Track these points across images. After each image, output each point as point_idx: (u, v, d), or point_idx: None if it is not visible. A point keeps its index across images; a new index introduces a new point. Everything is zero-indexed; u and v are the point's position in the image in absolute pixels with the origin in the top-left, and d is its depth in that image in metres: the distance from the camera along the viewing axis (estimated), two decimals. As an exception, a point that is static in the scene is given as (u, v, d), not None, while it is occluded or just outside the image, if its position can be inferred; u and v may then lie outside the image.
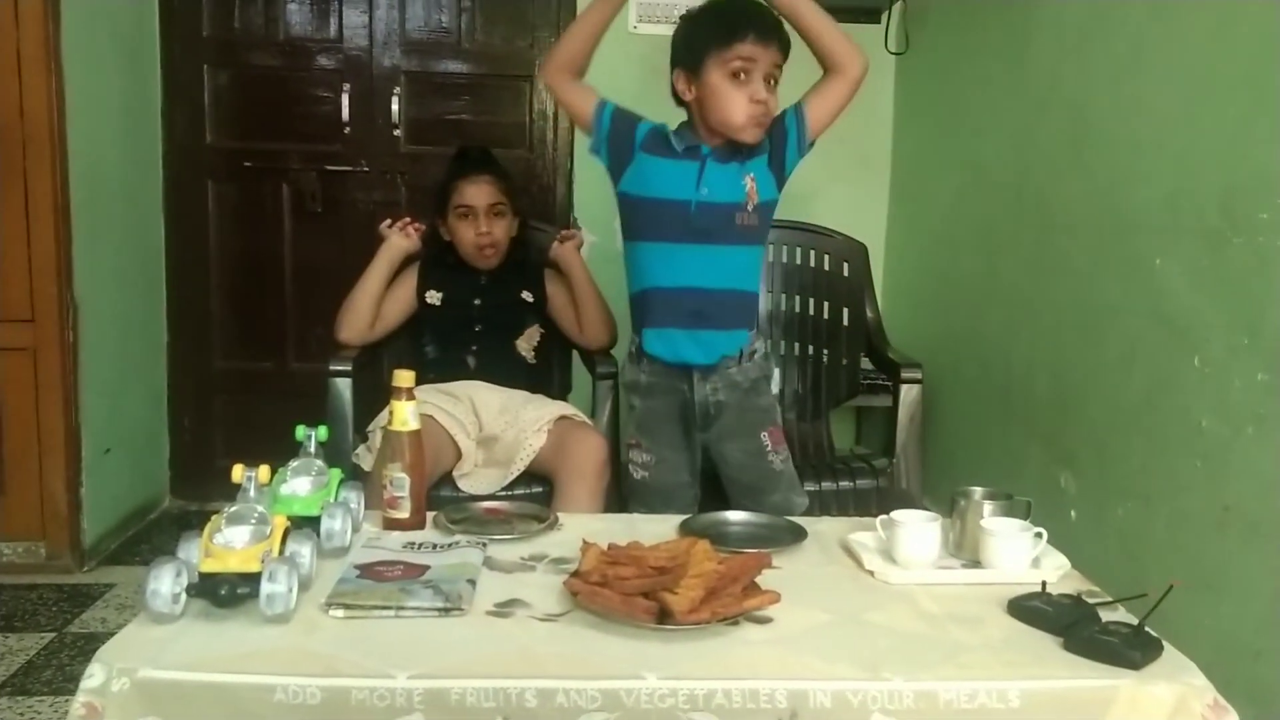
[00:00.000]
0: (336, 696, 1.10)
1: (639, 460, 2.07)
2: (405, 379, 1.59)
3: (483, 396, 2.33)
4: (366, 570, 1.36)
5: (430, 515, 1.62)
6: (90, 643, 2.31)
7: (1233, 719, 1.17)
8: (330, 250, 3.22)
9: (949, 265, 3.01)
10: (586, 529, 1.54)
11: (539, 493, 2.21)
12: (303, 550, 1.30)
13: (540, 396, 2.40)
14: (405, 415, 1.58)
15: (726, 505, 1.99)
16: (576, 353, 2.65)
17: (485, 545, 1.49)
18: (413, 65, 3.27)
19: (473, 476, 2.23)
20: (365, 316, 2.44)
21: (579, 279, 2.50)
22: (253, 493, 1.31)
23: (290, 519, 1.34)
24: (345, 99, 3.25)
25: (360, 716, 1.10)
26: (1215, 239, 1.80)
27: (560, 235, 2.58)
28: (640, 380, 2.05)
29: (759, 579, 1.34)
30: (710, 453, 2.08)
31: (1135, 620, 1.27)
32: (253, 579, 1.21)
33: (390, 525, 1.57)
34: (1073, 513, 2.22)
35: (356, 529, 1.51)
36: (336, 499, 1.49)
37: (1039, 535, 1.46)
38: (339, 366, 2.34)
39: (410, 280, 2.50)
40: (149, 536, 3.08)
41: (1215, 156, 1.82)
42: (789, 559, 1.50)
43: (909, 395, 2.39)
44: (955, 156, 2.98)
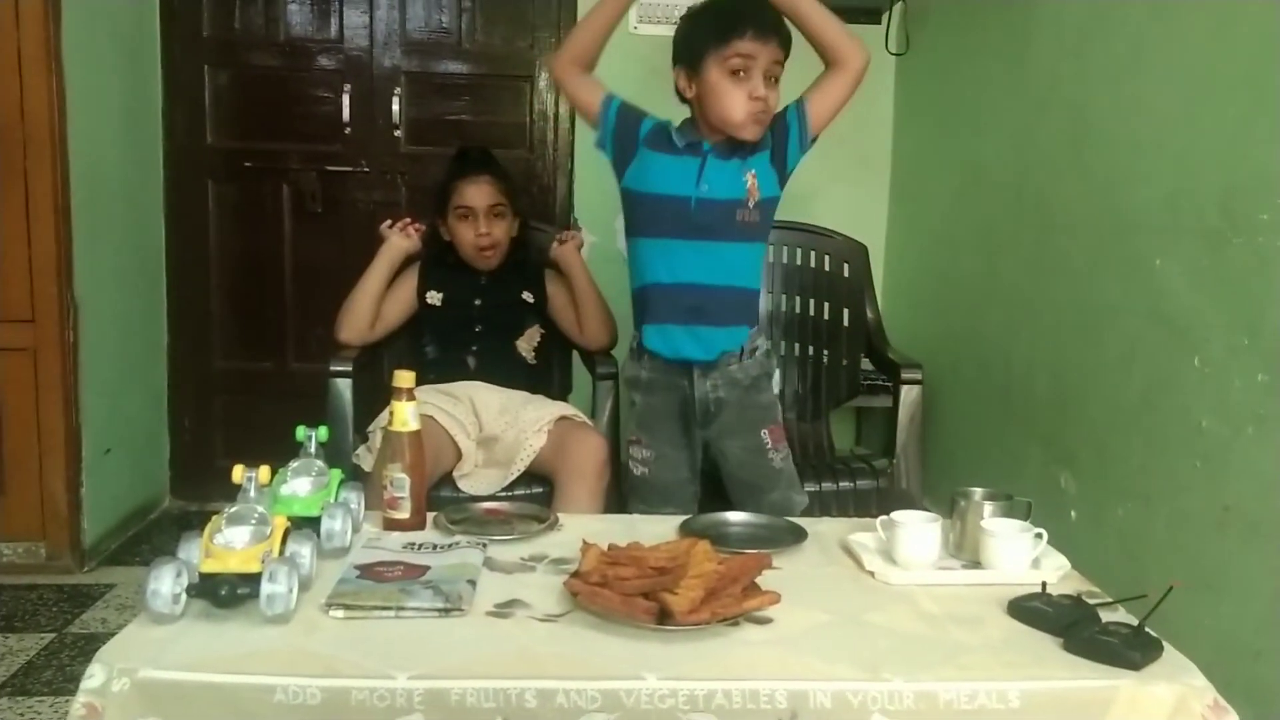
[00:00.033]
0: (336, 697, 1.10)
1: (639, 456, 2.07)
2: (405, 379, 1.59)
3: (483, 397, 2.33)
4: (367, 571, 1.36)
5: (430, 516, 1.62)
6: (90, 643, 2.31)
7: (1233, 719, 1.17)
8: (330, 250, 3.22)
9: (949, 265, 3.01)
10: (586, 529, 1.54)
11: (539, 493, 2.21)
12: (303, 551, 1.30)
13: (540, 397, 2.40)
14: (405, 416, 1.58)
15: (727, 503, 1.99)
16: (576, 353, 2.65)
17: (485, 546, 1.49)
18: (413, 65, 3.27)
19: (473, 477, 2.23)
20: (365, 317, 2.44)
21: (579, 279, 2.50)
22: (253, 493, 1.31)
23: (290, 519, 1.34)
24: (346, 99, 3.25)
25: (360, 717, 1.10)
26: (1215, 239, 1.80)
27: (560, 236, 2.58)
28: (641, 376, 2.04)
29: (759, 579, 1.34)
30: (710, 450, 2.08)
31: (1135, 621, 1.27)
32: (253, 579, 1.21)
33: (390, 526, 1.57)
34: (1073, 513, 2.22)
35: (357, 529, 1.52)
36: (337, 499, 1.49)
37: (1039, 536, 1.46)
38: (339, 367, 2.34)
39: (410, 280, 2.50)
40: (149, 537, 3.08)
41: (1215, 156, 1.82)
42: (789, 560, 1.50)
43: (909, 396, 2.39)
44: (955, 156, 2.98)
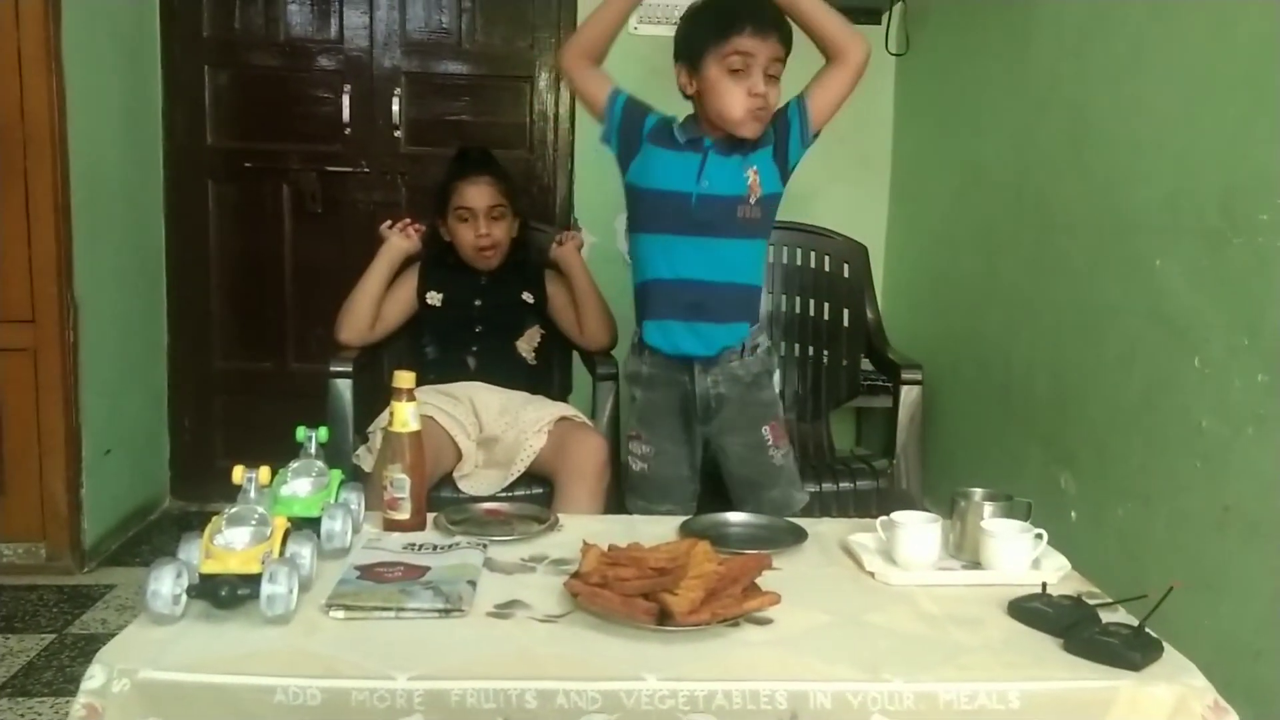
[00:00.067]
0: (336, 698, 1.10)
1: (638, 452, 2.07)
2: (405, 380, 1.59)
3: (483, 397, 2.33)
4: (367, 571, 1.36)
5: (430, 516, 1.62)
6: (91, 644, 2.31)
7: (1233, 719, 1.17)
8: (330, 251, 3.21)
9: (949, 265, 3.01)
10: (587, 530, 1.54)
11: (539, 494, 2.21)
12: (303, 551, 1.30)
13: (540, 397, 2.40)
14: (405, 416, 1.58)
15: (726, 501, 1.99)
16: (577, 353, 2.65)
17: (485, 546, 1.49)
18: (413, 66, 3.27)
19: (473, 477, 2.23)
20: (365, 317, 2.44)
21: (579, 280, 2.50)
22: (253, 494, 1.31)
23: (290, 520, 1.34)
24: (346, 99, 3.25)
25: (360, 718, 1.10)
26: (1215, 239, 1.80)
27: (560, 236, 2.58)
28: (641, 372, 2.04)
29: (759, 580, 1.34)
30: (710, 446, 2.08)
31: (1135, 621, 1.27)
32: (253, 580, 1.21)
33: (390, 526, 1.57)
34: (1073, 513, 2.22)
35: (357, 530, 1.52)
36: (337, 500, 1.49)
37: (1039, 536, 1.46)
38: (339, 367, 2.34)
39: (410, 281, 2.50)
40: (149, 537, 3.08)
41: (1215, 156, 1.82)
42: (789, 560, 1.50)
43: (909, 396, 2.39)
44: (955, 156, 2.98)
